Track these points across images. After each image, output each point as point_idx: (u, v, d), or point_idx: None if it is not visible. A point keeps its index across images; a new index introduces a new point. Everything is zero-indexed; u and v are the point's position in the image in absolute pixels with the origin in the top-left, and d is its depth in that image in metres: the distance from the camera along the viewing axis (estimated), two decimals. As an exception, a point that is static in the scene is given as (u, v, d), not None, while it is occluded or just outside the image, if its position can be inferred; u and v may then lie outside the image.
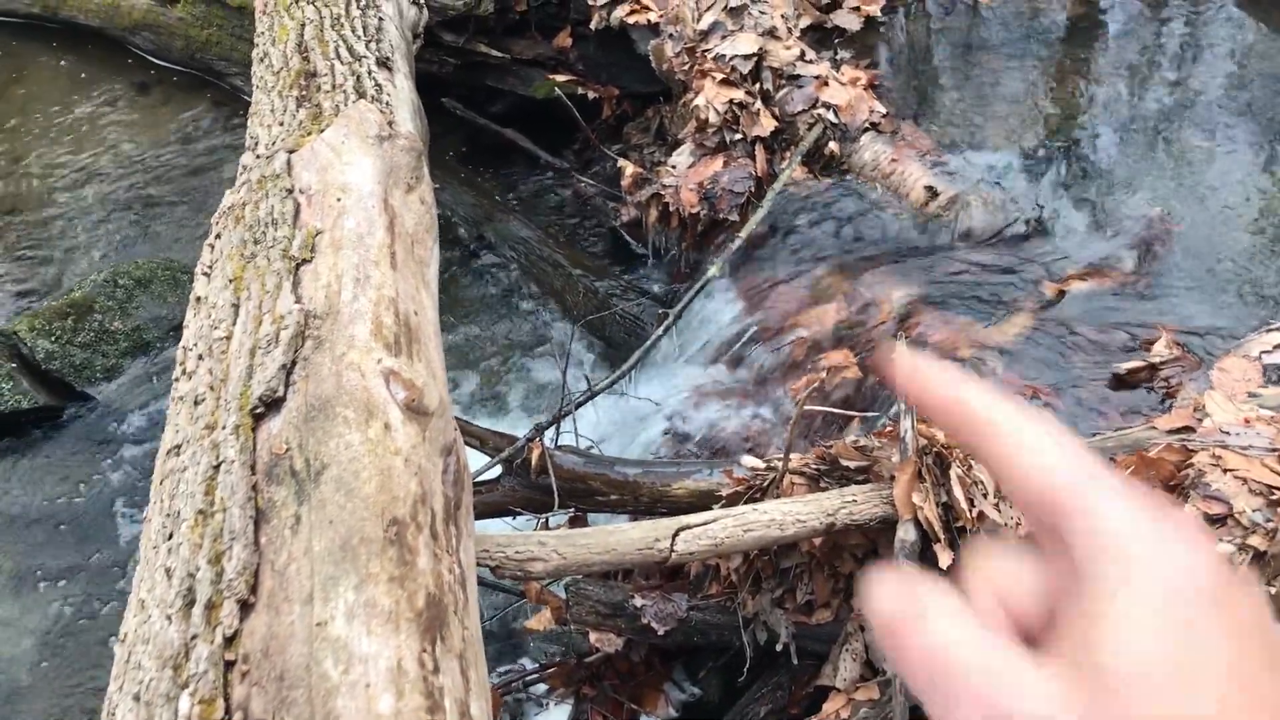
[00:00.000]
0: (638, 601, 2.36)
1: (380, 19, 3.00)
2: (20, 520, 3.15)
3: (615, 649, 2.53)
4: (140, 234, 4.11)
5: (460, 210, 3.99)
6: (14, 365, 3.45)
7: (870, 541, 2.23)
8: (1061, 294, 2.81)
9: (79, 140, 4.53)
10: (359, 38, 2.81)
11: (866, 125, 3.30)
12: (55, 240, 4.10)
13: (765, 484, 2.27)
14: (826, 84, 3.35)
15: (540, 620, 2.60)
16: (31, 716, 2.69)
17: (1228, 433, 2.10)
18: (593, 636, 2.52)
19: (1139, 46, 3.74)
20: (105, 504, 3.20)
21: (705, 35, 3.48)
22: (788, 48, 3.42)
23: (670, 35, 3.60)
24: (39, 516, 3.16)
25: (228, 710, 1.16)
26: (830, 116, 3.27)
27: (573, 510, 2.59)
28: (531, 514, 2.56)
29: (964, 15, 3.91)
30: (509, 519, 2.59)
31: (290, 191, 2.03)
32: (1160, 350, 2.56)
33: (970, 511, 2.00)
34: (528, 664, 2.86)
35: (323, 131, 2.25)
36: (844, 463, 2.21)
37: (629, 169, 3.52)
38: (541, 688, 2.71)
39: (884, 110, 3.35)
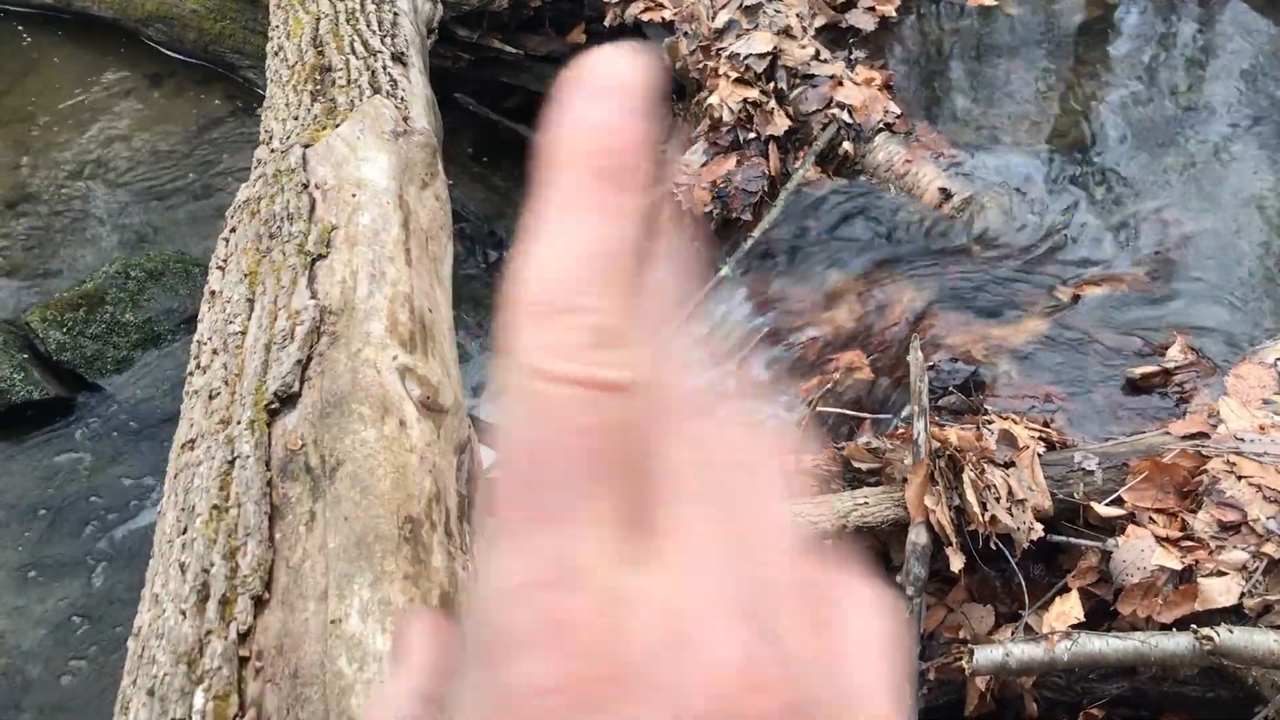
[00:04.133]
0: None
1: (395, 14, 3.00)
2: (31, 511, 3.15)
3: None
4: (152, 226, 4.12)
5: (471, 206, 3.99)
6: (25, 356, 3.45)
7: (881, 544, 2.23)
8: (1076, 298, 2.80)
9: (91, 132, 4.53)
10: (374, 33, 2.81)
11: (881, 126, 3.29)
12: (67, 231, 4.10)
13: (776, 485, 2.26)
14: (841, 84, 3.34)
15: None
16: (41, 707, 2.70)
17: (1243, 439, 2.09)
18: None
19: (1153, 50, 3.73)
20: (115, 496, 3.20)
21: (720, 33, 3.47)
22: (803, 47, 3.41)
23: (685, 33, 3.59)
24: (49, 507, 3.16)
25: (242, 707, 1.16)
26: (844, 116, 3.26)
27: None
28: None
29: (978, 17, 3.89)
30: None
31: (305, 186, 2.03)
32: (1175, 355, 2.55)
33: (983, 515, 2.00)
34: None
35: (338, 126, 2.25)
36: (856, 464, 2.21)
37: (642, 167, 3.51)
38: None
39: (898, 111, 3.34)
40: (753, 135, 3.29)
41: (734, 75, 3.36)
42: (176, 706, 1.17)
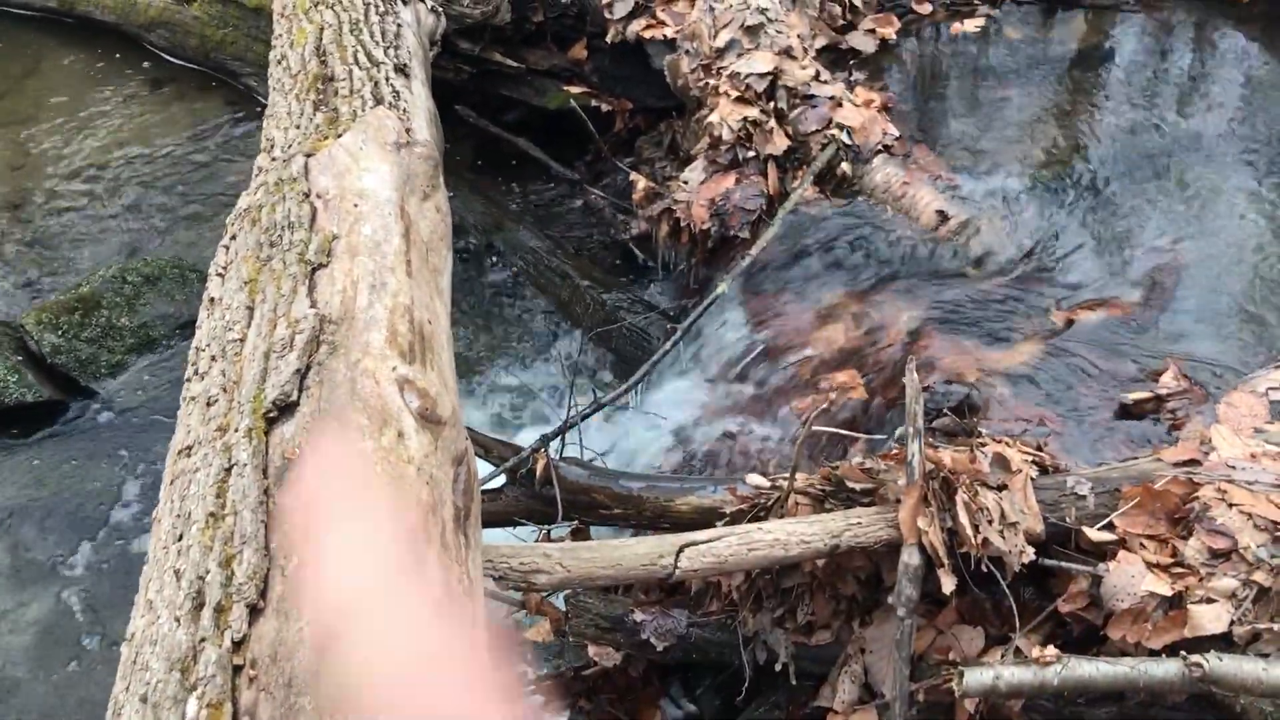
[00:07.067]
0: (637, 616, 2.36)
1: (399, 25, 3.01)
2: (21, 513, 3.14)
3: (613, 663, 2.53)
4: (149, 231, 4.12)
5: (470, 218, 4.00)
6: (20, 358, 3.45)
7: (873, 564, 2.23)
8: (1070, 322, 2.82)
9: (91, 135, 4.53)
10: (377, 44, 2.82)
11: (879, 147, 3.31)
12: (64, 234, 4.10)
13: (770, 503, 2.27)
14: (840, 105, 3.35)
15: (539, 631, 2.59)
16: (27, 710, 2.68)
17: (1234, 467, 2.10)
18: (591, 650, 2.51)
19: (1148, 76, 3.76)
20: (107, 500, 3.19)
21: (721, 52, 3.49)
22: (803, 67, 3.43)
23: (686, 51, 3.61)
24: (40, 510, 3.15)
25: (235, 715, 1.16)
26: (844, 137, 3.28)
27: (576, 522, 2.59)
28: (534, 525, 2.56)
29: (977, 41, 3.92)
30: (511, 528, 2.59)
31: (307, 195, 2.03)
32: (1168, 382, 2.56)
33: (975, 537, 2.00)
34: (524, 674, 2.85)
35: (340, 136, 2.26)
36: (849, 484, 2.21)
37: (641, 183, 3.53)
38: (537, 699, 2.70)
39: (897, 133, 3.36)
40: (752, 154, 3.31)
41: (734, 94, 3.37)
42: (170, 714, 1.17)
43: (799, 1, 3.74)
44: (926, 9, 4.02)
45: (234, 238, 2.04)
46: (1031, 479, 2.11)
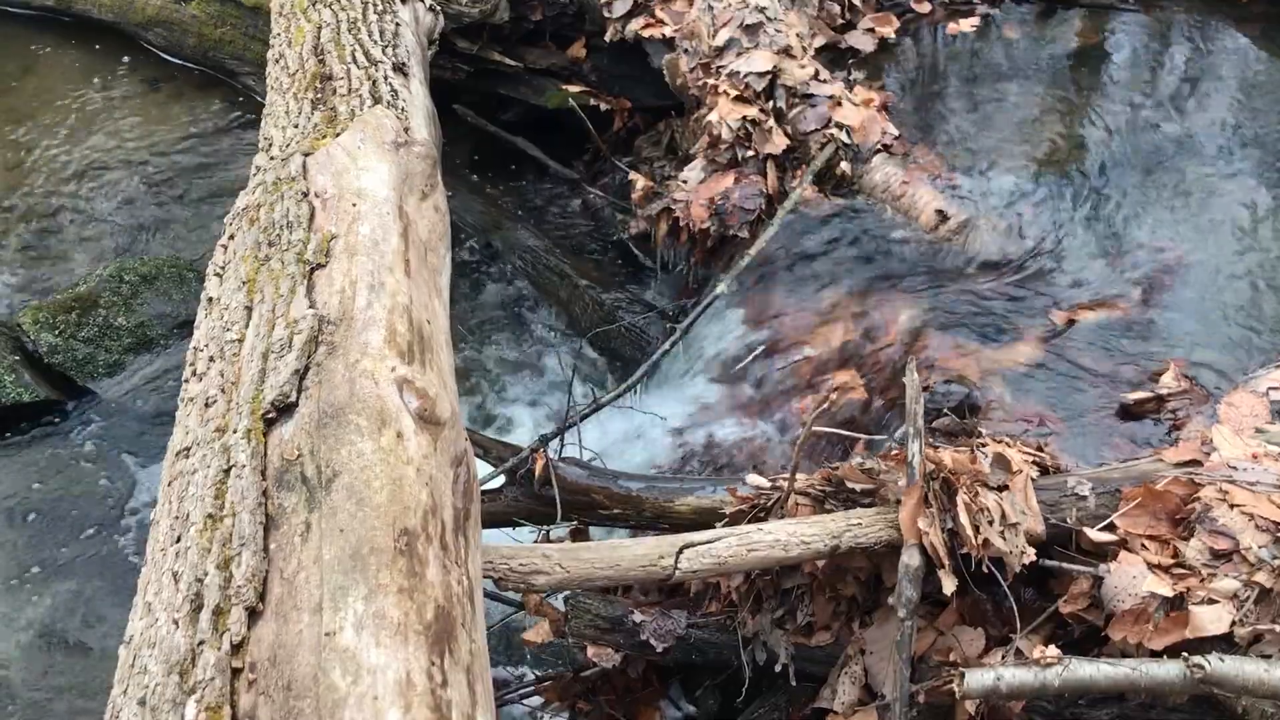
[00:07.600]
0: (637, 617, 2.35)
1: (397, 24, 3.00)
2: (18, 514, 3.13)
3: (612, 664, 2.52)
4: (147, 230, 4.11)
5: (468, 217, 3.99)
6: (16, 358, 3.44)
7: (874, 565, 2.22)
8: (1071, 322, 2.81)
9: (88, 134, 4.52)
10: (375, 42, 2.81)
11: (878, 146, 3.30)
12: (61, 234, 4.09)
13: (769, 503, 2.26)
14: (840, 104, 3.35)
15: (538, 632, 2.59)
16: (25, 711, 2.67)
17: (1235, 468, 2.09)
18: (590, 650, 2.50)
19: (1148, 76, 3.75)
20: (104, 501, 3.19)
21: (720, 51, 3.48)
22: (802, 66, 3.42)
23: (685, 50, 3.60)
24: (37, 511, 3.14)
25: (234, 718, 1.15)
26: (843, 137, 3.27)
27: (575, 523, 2.58)
28: (534, 525, 2.55)
29: (976, 40, 3.92)
30: (510, 529, 2.58)
31: (305, 195, 2.02)
32: (1168, 382, 2.55)
33: (976, 538, 1.99)
34: (523, 675, 2.85)
35: (338, 135, 2.25)
36: (850, 485, 2.20)
37: (640, 182, 3.52)
38: (536, 700, 2.69)
39: (896, 132, 3.35)
40: (751, 153, 3.30)
41: (734, 93, 3.37)
42: (168, 717, 1.16)
43: (798, 0, 3.74)
44: (925, 8, 4.02)
45: (232, 237, 2.04)
46: (1032, 479, 2.11)
